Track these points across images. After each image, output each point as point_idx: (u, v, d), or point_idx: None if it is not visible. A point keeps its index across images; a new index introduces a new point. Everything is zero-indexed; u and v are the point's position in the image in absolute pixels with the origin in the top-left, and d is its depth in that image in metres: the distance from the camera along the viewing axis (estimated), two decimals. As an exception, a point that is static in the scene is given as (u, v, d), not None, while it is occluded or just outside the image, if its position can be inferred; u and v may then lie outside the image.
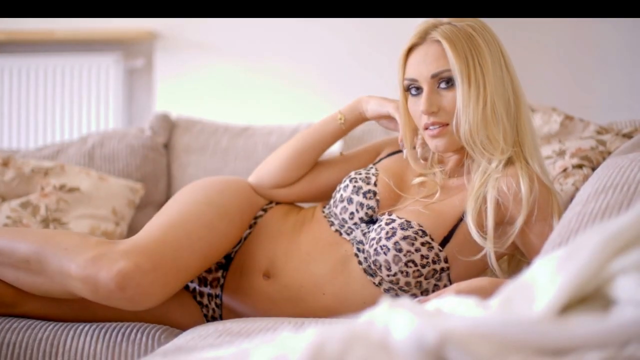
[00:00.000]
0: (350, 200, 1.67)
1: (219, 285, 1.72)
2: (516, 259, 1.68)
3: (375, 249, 1.56)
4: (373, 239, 1.58)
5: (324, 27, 3.69)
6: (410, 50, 1.62)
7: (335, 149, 2.08)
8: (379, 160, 1.80)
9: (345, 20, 3.63)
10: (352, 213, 1.66)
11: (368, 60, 3.68)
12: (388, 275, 1.56)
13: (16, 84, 3.79)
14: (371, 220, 1.65)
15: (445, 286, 1.58)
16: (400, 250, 1.53)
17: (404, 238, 1.54)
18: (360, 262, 1.62)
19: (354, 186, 1.68)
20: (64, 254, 1.51)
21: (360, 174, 1.71)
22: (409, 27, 1.68)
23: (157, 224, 1.63)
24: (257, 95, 3.76)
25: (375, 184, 1.68)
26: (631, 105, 3.76)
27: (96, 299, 1.49)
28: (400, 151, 1.79)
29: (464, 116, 1.55)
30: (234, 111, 3.56)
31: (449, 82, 1.57)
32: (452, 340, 0.65)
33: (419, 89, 1.61)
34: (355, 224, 1.66)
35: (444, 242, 1.57)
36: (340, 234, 1.67)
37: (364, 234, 1.63)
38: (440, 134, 1.59)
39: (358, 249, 1.63)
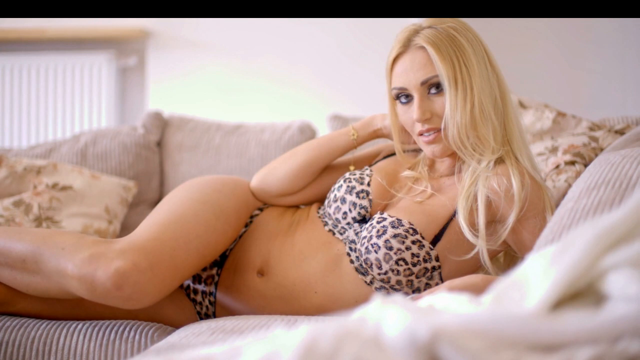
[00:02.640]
0: (343, 200, 1.67)
1: (213, 282, 1.72)
2: (510, 255, 1.69)
3: (367, 247, 1.56)
4: (364, 237, 1.58)
5: (316, 27, 3.69)
6: (395, 58, 1.62)
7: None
8: (376, 162, 1.81)
9: (337, 20, 3.63)
10: (345, 213, 1.66)
11: (360, 60, 3.68)
12: (379, 274, 1.56)
13: (8, 82, 3.78)
14: (364, 220, 1.66)
15: (437, 285, 1.58)
16: (390, 248, 1.54)
17: (395, 236, 1.54)
18: (352, 261, 1.62)
19: (348, 186, 1.68)
20: (60, 254, 1.50)
21: (354, 174, 1.72)
22: (401, 27, 1.68)
23: (154, 222, 1.63)
24: (249, 94, 3.75)
25: (368, 184, 1.68)
26: (623, 102, 3.77)
27: (93, 298, 1.49)
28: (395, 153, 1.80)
29: (451, 120, 1.56)
30: (227, 110, 3.56)
31: (439, 87, 1.58)
32: (445, 336, 0.65)
33: (408, 97, 1.61)
34: (348, 223, 1.66)
35: (434, 241, 1.57)
36: (334, 233, 1.67)
37: (357, 234, 1.64)
38: (436, 139, 1.60)
39: (350, 248, 1.63)
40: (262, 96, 3.75)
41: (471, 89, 1.56)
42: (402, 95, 1.62)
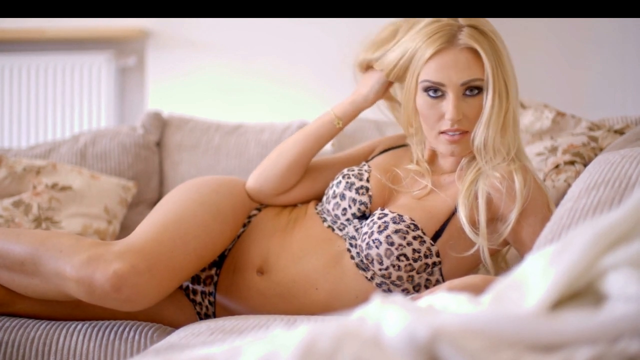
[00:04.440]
0: (342, 196, 1.67)
1: (212, 282, 1.72)
2: (501, 254, 1.69)
3: (368, 243, 1.56)
4: (365, 233, 1.58)
5: (316, 27, 3.69)
6: (435, 52, 1.58)
7: (327, 148, 2.10)
8: (372, 157, 1.81)
9: (337, 20, 3.63)
10: (344, 209, 1.66)
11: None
12: (380, 270, 1.56)
13: (7, 83, 3.78)
14: (364, 216, 1.66)
15: (437, 281, 1.59)
16: (392, 244, 1.54)
17: (396, 231, 1.54)
18: (352, 257, 1.62)
19: (347, 182, 1.68)
20: (59, 256, 1.50)
21: (353, 170, 1.71)
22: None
23: (152, 223, 1.63)
24: (249, 94, 3.75)
25: (367, 180, 1.68)
26: (623, 102, 3.77)
27: (91, 300, 1.49)
28: (392, 148, 1.80)
29: (484, 126, 1.55)
30: (227, 110, 3.56)
31: (474, 89, 1.56)
32: (444, 336, 0.65)
33: (437, 91, 1.58)
34: (347, 219, 1.66)
35: (435, 237, 1.57)
36: (333, 230, 1.67)
37: (357, 230, 1.64)
38: (461, 141, 1.59)
39: (350, 244, 1.63)
40: (262, 96, 3.74)
41: (507, 95, 1.55)
42: (432, 90, 1.59)
